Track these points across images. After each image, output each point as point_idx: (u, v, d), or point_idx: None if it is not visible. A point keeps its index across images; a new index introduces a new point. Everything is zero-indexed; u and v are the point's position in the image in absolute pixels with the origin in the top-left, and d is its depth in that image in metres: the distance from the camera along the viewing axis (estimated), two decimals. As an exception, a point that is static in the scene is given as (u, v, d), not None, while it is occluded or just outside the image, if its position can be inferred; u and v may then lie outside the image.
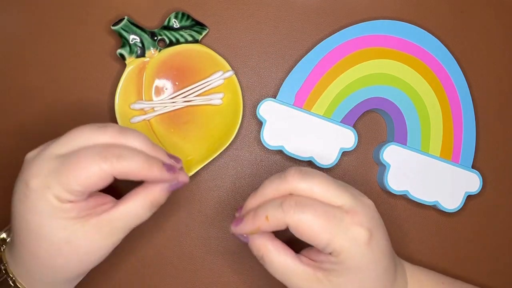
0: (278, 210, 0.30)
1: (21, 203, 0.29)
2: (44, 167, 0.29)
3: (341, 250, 0.30)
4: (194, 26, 0.42)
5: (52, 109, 0.42)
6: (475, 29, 0.44)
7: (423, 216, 0.43)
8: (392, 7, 0.44)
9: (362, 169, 0.43)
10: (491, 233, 0.43)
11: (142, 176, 0.29)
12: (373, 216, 0.32)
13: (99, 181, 0.28)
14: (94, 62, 0.42)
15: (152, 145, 0.31)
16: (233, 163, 0.42)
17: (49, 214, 0.28)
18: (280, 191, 0.31)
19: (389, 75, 0.42)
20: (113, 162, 0.28)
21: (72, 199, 0.29)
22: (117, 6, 0.42)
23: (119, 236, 0.31)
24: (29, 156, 0.30)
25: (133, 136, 0.30)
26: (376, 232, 0.31)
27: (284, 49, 0.43)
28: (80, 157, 0.28)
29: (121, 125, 0.31)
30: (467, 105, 0.42)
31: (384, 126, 0.44)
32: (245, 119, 0.43)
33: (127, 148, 0.29)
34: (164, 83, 0.42)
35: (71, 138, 0.30)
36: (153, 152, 0.31)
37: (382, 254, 0.31)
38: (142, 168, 0.29)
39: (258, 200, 0.32)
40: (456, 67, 0.43)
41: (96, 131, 0.30)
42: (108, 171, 0.28)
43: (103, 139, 0.30)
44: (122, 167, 0.28)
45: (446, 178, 0.41)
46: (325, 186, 0.31)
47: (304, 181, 0.31)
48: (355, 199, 0.31)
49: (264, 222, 0.30)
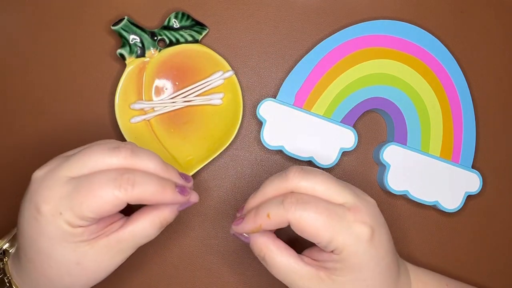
0: (280, 208, 0.30)
1: (31, 226, 0.29)
2: (56, 192, 0.28)
3: (344, 247, 0.30)
4: (194, 26, 0.42)
5: (52, 109, 0.42)
6: (475, 29, 0.44)
7: (423, 216, 0.43)
8: (392, 7, 0.44)
9: (362, 169, 0.43)
10: (491, 233, 0.43)
11: (156, 201, 0.29)
12: (375, 214, 0.32)
13: (112, 208, 0.28)
14: (94, 62, 0.42)
15: (165, 166, 0.31)
16: (233, 163, 0.42)
17: (60, 239, 0.28)
18: (281, 190, 0.31)
19: (389, 75, 0.42)
20: (127, 189, 0.28)
21: (84, 224, 0.28)
22: (117, 6, 0.42)
23: (127, 254, 0.31)
24: (37, 175, 0.30)
25: (146, 157, 0.30)
26: (378, 230, 0.31)
27: (284, 49, 0.43)
28: (93, 183, 0.28)
29: (133, 145, 0.30)
30: (467, 105, 0.42)
31: (384, 126, 0.44)
32: (245, 119, 0.43)
33: (141, 173, 0.29)
34: (164, 83, 0.42)
35: (83, 159, 0.29)
36: (166, 173, 0.30)
37: (385, 251, 0.31)
38: (156, 193, 0.29)
39: (259, 199, 0.32)
40: (456, 67, 0.43)
41: (109, 153, 0.29)
42: (122, 199, 0.28)
43: (116, 161, 0.29)
44: (137, 194, 0.28)
45: (446, 178, 0.41)
46: (327, 184, 0.31)
47: (305, 180, 0.31)
48: (357, 197, 0.31)
49: (265, 220, 0.30)
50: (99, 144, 0.30)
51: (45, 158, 0.41)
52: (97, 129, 0.42)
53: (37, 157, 0.41)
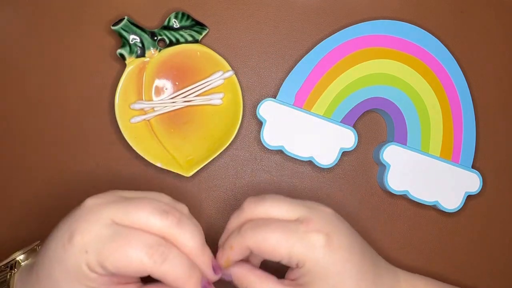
0: (238, 237, 0.32)
1: (55, 250, 0.29)
2: (94, 231, 0.28)
3: (304, 258, 0.30)
4: (194, 26, 0.42)
5: (52, 109, 0.42)
6: (475, 29, 0.44)
7: (423, 216, 0.43)
8: (392, 7, 0.44)
9: (362, 169, 0.43)
10: (491, 233, 0.43)
11: (176, 285, 0.29)
12: (331, 220, 0.33)
13: (134, 273, 0.28)
14: (94, 62, 0.42)
15: (202, 248, 0.30)
16: (233, 163, 0.42)
17: (74, 275, 0.28)
18: (241, 222, 0.33)
19: (389, 75, 0.42)
20: (156, 262, 0.28)
21: (101, 272, 0.28)
22: (117, 6, 0.42)
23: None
24: (88, 204, 0.29)
25: (190, 233, 0.30)
26: (336, 235, 0.31)
27: (284, 49, 0.43)
28: (129, 240, 0.28)
29: (183, 213, 0.31)
30: (467, 105, 0.42)
31: (384, 126, 0.44)
32: (245, 119, 0.43)
33: (176, 252, 0.29)
34: (164, 83, 0.42)
35: (131, 210, 0.29)
36: (201, 256, 0.30)
37: (349, 254, 0.31)
38: (181, 279, 0.28)
39: (225, 236, 0.34)
40: (456, 67, 0.43)
41: (157, 215, 0.29)
42: (147, 269, 0.28)
43: (159, 226, 0.29)
44: (163, 270, 0.28)
45: (446, 178, 0.41)
46: (279, 204, 0.32)
47: (258, 206, 0.32)
48: (309, 209, 0.32)
49: (230, 251, 0.32)
50: (153, 200, 0.30)
51: (45, 158, 0.41)
52: (97, 129, 0.42)
53: (37, 157, 0.41)
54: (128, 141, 0.40)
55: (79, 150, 0.42)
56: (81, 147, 0.42)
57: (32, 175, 0.41)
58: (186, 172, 0.40)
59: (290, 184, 0.43)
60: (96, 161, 0.42)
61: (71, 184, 0.41)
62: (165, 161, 0.40)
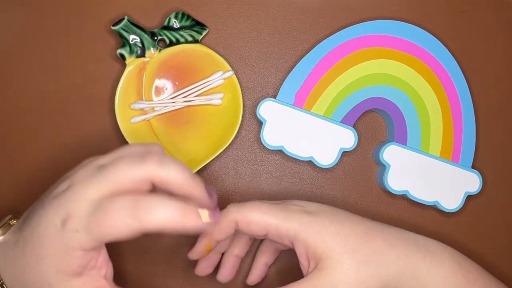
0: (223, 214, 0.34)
1: (47, 231, 0.29)
2: (83, 210, 0.28)
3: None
4: (194, 26, 0.42)
5: (52, 109, 0.42)
6: (475, 29, 0.44)
7: (423, 216, 0.43)
8: (392, 7, 0.44)
9: (362, 169, 0.43)
10: (491, 233, 0.43)
11: (176, 229, 0.28)
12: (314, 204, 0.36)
13: (131, 236, 0.28)
14: (94, 62, 0.42)
15: (192, 177, 0.30)
16: (233, 163, 0.42)
17: (61, 253, 0.28)
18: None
19: (389, 75, 0.42)
20: (142, 220, 0.27)
21: (93, 247, 0.28)
22: (117, 6, 0.42)
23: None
24: (76, 181, 0.30)
25: (173, 167, 0.29)
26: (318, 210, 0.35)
27: (284, 49, 0.43)
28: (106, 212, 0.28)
29: (161, 152, 0.30)
30: (467, 105, 0.42)
31: (384, 126, 0.44)
32: (245, 119, 0.43)
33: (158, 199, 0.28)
34: (164, 83, 0.42)
35: (113, 174, 0.29)
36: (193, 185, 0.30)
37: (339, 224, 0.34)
38: (175, 221, 0.28)
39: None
40: (456, 67, 0.43)
41: (137, 165, 0.29)
42: (138, 228, 0.28)
43: (143, 173, 0.29)
44: (153, 222, 0.28)
45: (446, 178, 0.41)
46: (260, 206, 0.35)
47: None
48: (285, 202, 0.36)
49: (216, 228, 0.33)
50: (127, 155, 0.30)
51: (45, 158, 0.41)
52: (97, 129, 0.42)
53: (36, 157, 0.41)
54: (128, 141, 0.40)
55: (79, 150, 0.42)
56: (81, 147, 0.42)
57: (32, 175, 0.41)
58: (186, 172, 0.40)
59: (290, 184, 0.43)
60: (96, 161, 0.42)
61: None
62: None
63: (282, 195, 0.42)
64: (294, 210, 0.34)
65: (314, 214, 0.34)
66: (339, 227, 0.33)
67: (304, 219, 0.33)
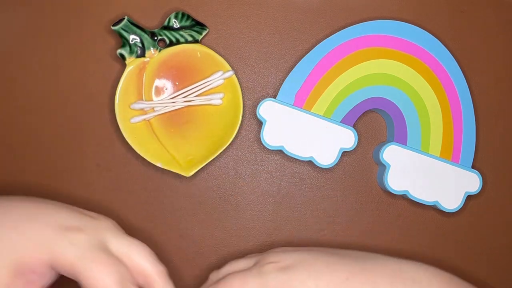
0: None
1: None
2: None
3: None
4: (194, 26, 0.42)
5: (52, 109, 0.42)
6: (475, 29, 0.44)
7: (423, 216, 0.43)
8: (392, 7, 0.44)
9: (362, 169, 0.43)
10: (491, 233, 0.43)
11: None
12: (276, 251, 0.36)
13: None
14: (94, 62, 0.42)
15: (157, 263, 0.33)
16: (233, 163, 0.42)
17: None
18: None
19: (389, 75, 0.42)
20: None
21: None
22: (117, 6, 0.42)
23: None
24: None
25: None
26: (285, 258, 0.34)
27: (284, 49, 0.43)
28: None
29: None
30: (467, 105, 0.42)
31: (384, 126, 0.44)
32: (245, 119, 0.43)
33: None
34: (164, 83, 0.42)
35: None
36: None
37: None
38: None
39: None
40: (456, 67, 0.43)
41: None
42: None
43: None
44: None
45: (446, 178, 0.41)
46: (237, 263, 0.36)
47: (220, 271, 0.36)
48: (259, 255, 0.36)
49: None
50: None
51: (45, 157, 0.41)
52: (97, 129, 0.42)
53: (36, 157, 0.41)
54: (128, 141, 0.40)
55: (79, 150, 0.42)
56: (81, 147, 0.42)
57: (32, 175, 0.41)
58: (186, 172, 0.40)
59: (290, 184, 0.43)
60: (96, 161, 0.42)
61: (71, 184, 0.41)
62: (165, 161, 0.40)
63: (282, 195, 0.42)
64: (269, 271, 0.33)
65: (291, 268, 0.32)
66: (318, 279, 0.32)
67: (279, 278, 0.32)
